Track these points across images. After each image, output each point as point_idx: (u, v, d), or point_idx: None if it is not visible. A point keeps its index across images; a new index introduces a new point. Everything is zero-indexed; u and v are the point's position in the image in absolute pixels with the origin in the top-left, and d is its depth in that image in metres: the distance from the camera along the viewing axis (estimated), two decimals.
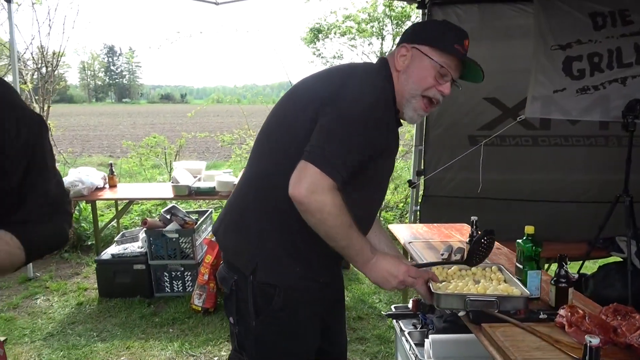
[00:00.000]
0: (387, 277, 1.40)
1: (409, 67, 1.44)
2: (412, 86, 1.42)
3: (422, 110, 1.44)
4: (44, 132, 1.05)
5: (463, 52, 1.43)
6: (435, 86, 1.42)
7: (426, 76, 1.41)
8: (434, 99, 1.43)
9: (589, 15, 3.34)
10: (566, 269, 1.71)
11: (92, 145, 16.42)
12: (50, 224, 1.05)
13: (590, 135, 3.82)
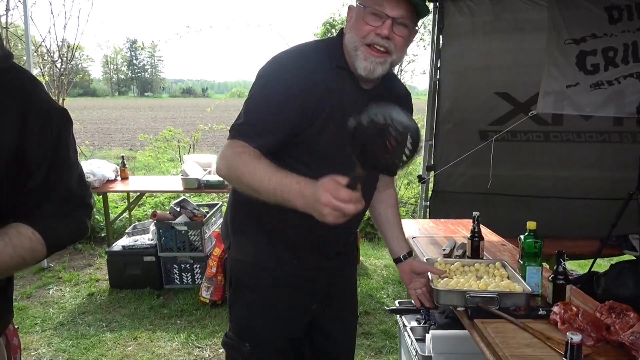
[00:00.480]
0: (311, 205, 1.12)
1: (350, 24, 1.37)
2: (351, 40, 1.33)
3: (372, 56, 1.30)
4: (68, 126, 1.06)
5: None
6: (372, 30, 1.29)
7: (361, 24, 1.31)
8: (378, 45, 1.29)
9: (605, 9, 3.26)
10: (564, 265, 1.68)
11: (113, 138, 16.70)
12: (71, 218, 1.06)
13: (603, 131, 3.73)
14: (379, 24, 1.27)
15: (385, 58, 1.30)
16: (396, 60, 1.34)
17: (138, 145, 13.46)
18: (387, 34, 1.26)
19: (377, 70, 1.30)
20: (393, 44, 1.29)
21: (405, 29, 1.30)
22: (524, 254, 1.85)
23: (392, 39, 1.28)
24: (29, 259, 0.97)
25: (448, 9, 3.73)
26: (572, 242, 3.66)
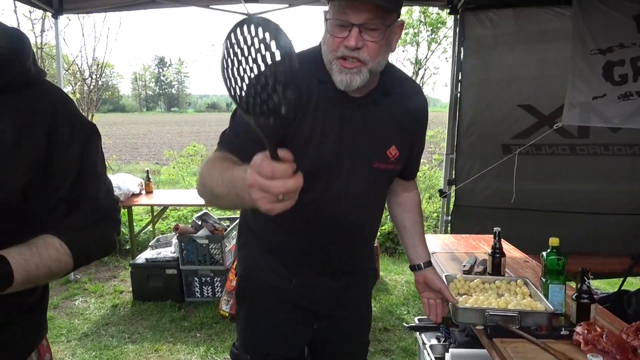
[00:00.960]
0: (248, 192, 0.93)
1: (324, 32, 1.28)
2: (325, 53, 1.25)
3: (345, 68, 1.21)
4: (95, 139, 1.08)
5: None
6: (341, 43, 1.20)
7: (329, 37, 1.23)
8: (348, 57, 1.20)
9: (634, 18, 3.18)
10: (588, 284, 1.62)
11: (140, 152, 17.06)
12: (98, 231, 1.06)
13: (633, 144, 3.60)
14: (346, 34, 1.19)
15: (360, 68, 1.21)
16: (376, 66, 1.24)
17: (163, 160, 13.72)
18: (354, 45, 1.18)
19: (354, 82, 1.22)
20: (365, 52, 1.20)
21: (376, 32, 1.19)
22: (546, 271, 1.80)
23: (363, 47, 1.19)
24: (55, 269, 0.98)
25: (469, 21, 3.70)
26: (601, 259, 3.54)
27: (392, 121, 1.37)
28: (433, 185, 6.05)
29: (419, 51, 5.69)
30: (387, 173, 1.41)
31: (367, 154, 1.34)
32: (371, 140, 1.34)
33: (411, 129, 1.43)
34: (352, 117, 1.30)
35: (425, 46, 5.69)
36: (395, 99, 1.38)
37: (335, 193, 1.34)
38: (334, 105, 1.28)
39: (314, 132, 1.27)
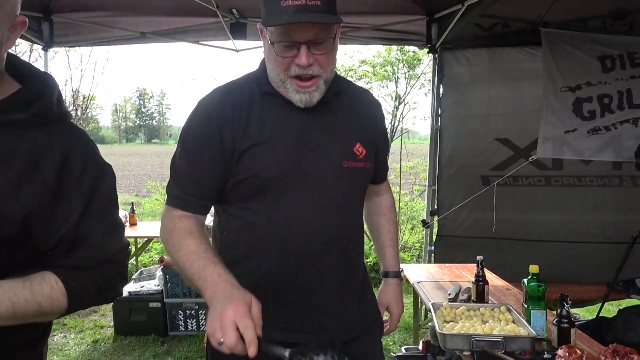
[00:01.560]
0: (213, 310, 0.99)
1: (265, 50, 1.25)
2: (273, 74, 1.22)
3: (302, 88, 1.20)
4: (107, 179, 1.06)
5: (297, 3, 1.11)
6: (291, 62, 1.17)
7: (275, 58, 1.18)
8: (303, 76, 1.18)
9: (598, 58, 3.41)
10: (567, 309, 1.70)
11: (119, 185, 16.75)
12: (100, 274, 1.03)
13: (604, 176, 3.78)
14: (294, 53, 1.16)
15: (317, 82, 1.20)
16: (330, 75, 1.23)
17: (144, 192, 13.60)
18: (306, 64, 1.15)
19: (313, 99, 1.21)
20: (317, 66, 1.18)
21: (324, 44, 1.18)
22: (528, 297, 1.88)
23: (314, 63, 1.17)
24: (46, 307, 0.94)
25: (447, 60, 3.89)
26: (578, 287, 3.65)
27: (350, 118, 1.33)
28: (415, 216, 6.15)
29: (399, 87, 5.91)
30: (360, 173, 1.32)
31: (334, 154, 1.27)
32: (334, 139, 1.28)
33: (371, 125, 1.38)
34: (308, 121, 1.25)
35: (403, 82, 5.91)
36: (347, 98, 1.35)
37: (306, 202, 1.24)
38: (284, 113, 1.24)
39: (267, 146, 1.21)
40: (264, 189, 1.23)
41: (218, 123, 1.21)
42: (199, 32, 3.83)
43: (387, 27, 3.77)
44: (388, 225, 1.57)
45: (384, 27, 3.79)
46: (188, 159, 1.25)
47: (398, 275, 1.56)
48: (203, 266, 1.07)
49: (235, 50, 4.08)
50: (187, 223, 1.20)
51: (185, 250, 1.13)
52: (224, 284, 1.02)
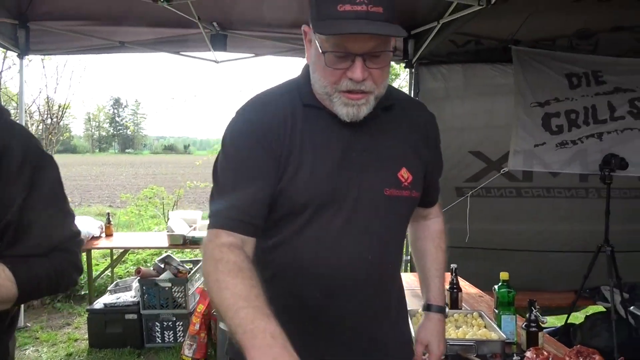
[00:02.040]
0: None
1: (312, 56, 1.10)
2: (319, 84, 1.08)
3: (352, 100, 1.06)
4: (50, 171, 1.07)
5: (357, 9, 0.97)
6: (343, 75, 1.04)
7: (324, 68, 1.05)
8: (354, 91, 1.05)
9: (565, 76, 3.58)
10: (536, 314, 1.79)
11: (92, 195, 16.55)
12: (50, 263, 1.03)
13: (571, 187, 3.96)
14: (349, 64, 1.02)
15: (368, 97, 1.06)
16: (381, 92, 1.09)
17: (118, 202, 13.39)
18: (360, 78, 1.02)
19: (361, 113, 1.07)
20: (370, 82, 1.04)
21: (380, 57, 1.04)
22: (498, 303, 1.96)
23: (368, 77, 1.04)
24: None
25: (423, 75, 4.01)
26: (548, 295, 3.78)
27: (398, 138, 1.18)
28: None
29: None
30: (402, 202, 1.16)
31: (375, 180, 1.13)
32: (377, 162, 1.14)
33: (423, 147, 1.21)
34: (352, 139, 1.12)
35: None
36: (399, 114, 1.20)
37: (337, 232, 1.11)
38: (327, 129, 1.12)
39: (303, 160, 1.09)
40: (296, 213, 1.10)
41: (264, 135, 1.08)
42: (179, 42, 3.86)
43: None
44: (435, 252, 1.40)
45: None
46: (238, 172, 1.09)
47: (442, 311, 1.37)
48: (252, 319, 0.87)
49: (215, 61, 4.13)
50: (237, 255, 0.99)
51: (232, 291, 0.92)
52: (281, 352, 0.83)
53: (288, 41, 3.80)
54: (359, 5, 0.97)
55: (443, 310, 1.37)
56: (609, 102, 3.52)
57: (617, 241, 3.31)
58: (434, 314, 1.36)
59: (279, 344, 0.83)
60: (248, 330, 0.85)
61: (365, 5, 0.97)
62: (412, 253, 1.46)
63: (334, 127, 1.11)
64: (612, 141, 3.48)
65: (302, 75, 1.17)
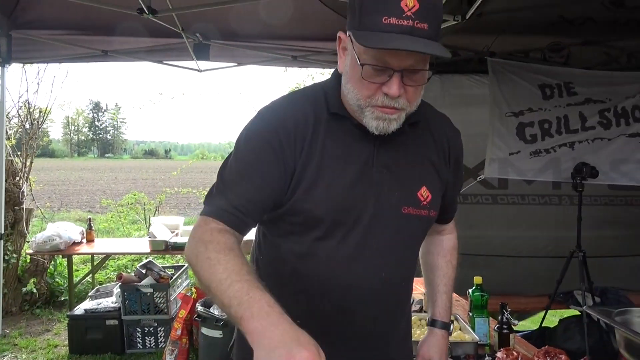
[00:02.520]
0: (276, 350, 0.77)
1: (346, 65, 1.07)
2: (351, 95, 1.05)
3: (384, 114, 1.03)
4: None
5: (402, 24, 0.93)
6: (379, 89, 1.01)
7: (359, 80, 1.01)
8: (388, 106, 1.02)
9: (539, 87, 3.70)
10: (507, 316, 1.87)
11: (71, 200, 16.32)
12: None
13: (544, 195, 4.09)
14: (385, 79, 0.99)
15: (400, 114, 1.05)
16: (413, 109, 1.07)
17: (98, 208, 13.23)
18: (397, 94, 0.99)
19: (390, 128, 1.05)
20: (404, 99, 1.02)
21: (418, 75, 1.01)
22: (472, 306, 2.05)
23: (402, 94, 1.01)
24: None
25: None
26: (523, 299, 3.90)
27: (421, 156, 1.17)
28: None
29: None
30: (420, 221, 1.16)
31: (393, 197, 1.11)
32: (397, 180, 1.12)
33: (444, 165, 1.21)
34: (374, 154, 1.10)
35: None
36: (423, 130, 1.18)
37: (351, 248, 1.10)
38: (350, 140, 1.10)
39: (322, 172, 1.07)
40: (311, 226, 1.09)
41: (280, 139, 1.06)
42: (162, 51, 3.89)
43: None
44: (446, 268, 1.39)
45: None
46: (242, 171, 1.07)
47: (447, 327, 1.36)
48: (247, 290, 0.85)
49: (198, 70, 4.17)
50: (228, 238, 0.99)
51: (224, 266, 0.90)
52: (279, 319, 0.81)
53: (270, 51, 3.87)
54: (405, 20, 0.93)
55: (448, 327, 1.37)
56: (580, 113, 3.65)
57: (589, 247, 3.44)
58: (438, 330, 1.35)
59: (276, 311, 0.82)
60: (244, 301, 0.83)
61: (411, 21, 0.93)
62: (422, 266, 1.43)
63: (357, 139, 1.10)
64: (583, 150, 3.62)
65: (331, 81, 1.14)
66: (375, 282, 1.11)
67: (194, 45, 3.72)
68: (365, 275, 1.11)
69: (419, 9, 0.94)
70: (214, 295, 0.89)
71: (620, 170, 3.66)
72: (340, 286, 1.10)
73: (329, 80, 1.16)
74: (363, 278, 1.11)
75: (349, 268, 1.10)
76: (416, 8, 0.93)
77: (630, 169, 3.66)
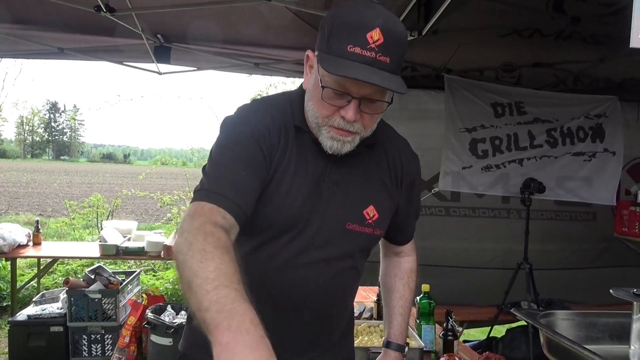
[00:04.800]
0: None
1: (310, 83, 1.13)
2: (311, 113, 1.11)
3: (339, 135, 1.09)
4: None
5: (365, 55, 0.99)
6: (336, 112, 1.07)
7: (319, 101, 1.07)
8: (343, 129, 1.08)
9: (491, 105, 3.85)
10: (452, 323, 1.93)
11: (21, 202, 15.62)
12: None
13: (494, 208, 4.25)
14: (344, 103, 1.05)
15: (354, 137, 1.10)
16: (367, 134, 1.13)
17: (50, 211, 12.72)
18: (352, 119, 1.05)
19: (344, 149, 1.11)
20: (360, 125, 1.08)
21: (376, 104, 1.07)
22: (420, 313, 2.10)
23: (359, 120, 1.07)
24: None
25: None
26: (473, 310, 4.01)
27: (372, 177, 1.22)
28: None
29: None
30: (362, 238, 1.20)
31: (339, 213, 1.16)
32: (345, 197, 1.17)
33: (395, 188, 1.25)
34: (327, 170, 1.16)
35: None
36: (379, 152, 1.24)
37: (293, 255, 1.14)
38: (308, 154, 1.15)
39: (282, 183, 1.12)
40: (259, 229, 1.13)
41: (262, 137, 1.10)
42: (121, 52, 3.81)
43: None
44: (403, 290, 1.42)
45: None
46: (234, 153, 1.07)
47: (401, 349, 1.40)
48: (233, 299, 0.77)
49: (158, 72, 4.10)
50: (227, 239, 0.93)
51: (217, 265, 0.83)
52: (259, 342, 0.73)
53: (233, 57, 3.86)
54: (369, 52, 0.98)
55: (402, 349, 1.40)
56: (529, 131, 3.83)
57: (535, 259, 3.59)
58: (392, 352, 1.39)
59: (258, 332, 0.74)
60: (226, 310, 0.75)
61: (374, 53, 0.99)
62: (381, 287, 1.48)
63: (314, 154, 1.14)
64: (531, 167, 3.78)
65: (297, 95, 1.19)
66: (312, 288, 1.15)
67: (154, 48, 3.66)
68: (301, 282, 1.15)
69: (383, 42, 0.99)
70: (194, 293, 0.80)
71: (565, 187, 3.84)
72: (277, 287, 1.14)
73: (294, 92, 1.21)
74: (300, 281, 1.15)
75: (286, 271, 1.14)
76: (380, 42, 0.99)
77: (574, 186, 3.85)
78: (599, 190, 3.83)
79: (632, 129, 4.30)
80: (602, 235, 4.42)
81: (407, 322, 1.42)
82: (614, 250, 4.47)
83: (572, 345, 0.83)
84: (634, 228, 4.05)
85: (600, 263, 4.45)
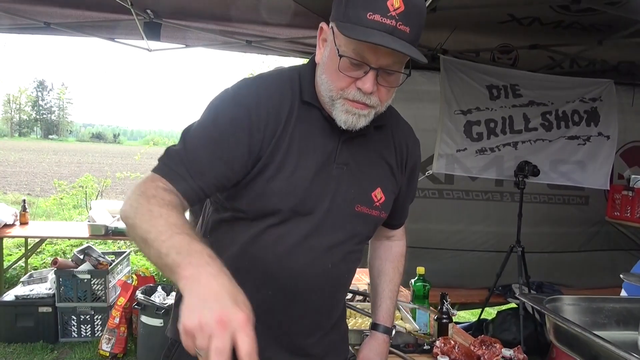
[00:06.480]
0: (201, 313, 0.71)
1: (324, 56, 1.07)
2: (325, 86, 1.06)
3: (354, 108, 1.04)
4: None
5: (385, 23, 0.95)
6: (352, 83, 1.03)
7: (334, 72, 1.03)
8: (359, 101, 1.03)
9: (486, 87, 3.81)
10: (447, 306, 1.91)
11: (9, 182, 15.41)
12: None
13: (487, 191, 4.24)
14: (361, 74, 1.01)
15: (370, 111, 1.06)
16: (383, 109, 1.10)
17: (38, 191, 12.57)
18: (370, 91, 1.01)
19: (359, 124, 1.06)
20: (376, 97, 1.04)
21: (393, 76, 1.04)
22: (414, 296, 2.08)
23: (376, 92, 1.03)
24: None
25: None
26: (465, 292, 4.03)
27: (380, 159, 1.20)
28: None
29: None
30: (369, 220, 1.18)
31: (349, 195, 1.13)
32: (354, 179, 1.14)
33: (400, 171, 1.24)
34: (336, 150, 1.12)
35: None
36: (386, 134, 1.21)
37: (302, 238, 1.10)
38: (317, 132, 1.10)
39: (287, 161, 1.07)
40: (265, 214, 1.09)
41: (252, 120, 1.04)
42: (110, 28, 3.70)
43: (301, 40, 3.90)
44: (392, 274, 1.41)
45: (299, 40, 3.91)
46: (205, 141, 1.03)
47: (389, 332, 1.39)
48: (189, 242, 0.82)
49: (148, 49, 4.00)
50: (172, 198, 0.95)
51: (166, 220, 0.87)
52: (219, 271, 0.78)
53: (225, 34, 3.76)
54: (389, 19, 0.95)
55: (390, 331, 1.39)
56: (524, 114, 3.79)
57: (527, 242, 3.59)
58: (380, 334, 1.38)
59: (217, 264, 0.79)
60: (184, 250, 0.80)
61: (394, 21, 0.95)
62: (370, 270, 1.46)
63: (324, 133, 1.11)
64: (525, 150, 3.76)
65: (307, 69, 1.14)
66: (320, 271, 1.12)
67: (144, 24, 3.56)
68: (311, 264, 1.11)
69: (404, 11, 0.95)
70: (151, 246, 0.84)
71: (559, 171, 3.84)
72: (284, 271, 1.10)
73: (304, 66, 1.16)
74: (308, 266, 1.11)
75: (294, 255, 1.10)
76: (401, 10, 0.95)
77: (568, 170, 3.84)
78: (592, 175, 3.83)
79: (627, 113, 4.29)
80: (594, 219, 4.45)
81: (395, 305, 1.42)
82: (605, 234, 4.50)
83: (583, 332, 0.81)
84: (626, 212, 4.07)
85: (591, 247, 4.49)
